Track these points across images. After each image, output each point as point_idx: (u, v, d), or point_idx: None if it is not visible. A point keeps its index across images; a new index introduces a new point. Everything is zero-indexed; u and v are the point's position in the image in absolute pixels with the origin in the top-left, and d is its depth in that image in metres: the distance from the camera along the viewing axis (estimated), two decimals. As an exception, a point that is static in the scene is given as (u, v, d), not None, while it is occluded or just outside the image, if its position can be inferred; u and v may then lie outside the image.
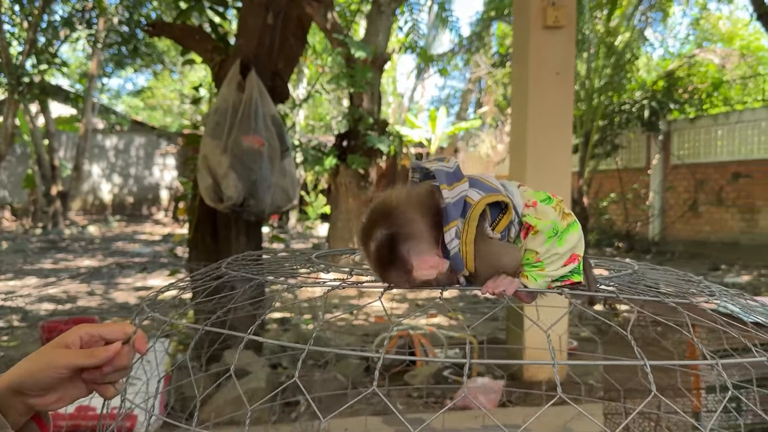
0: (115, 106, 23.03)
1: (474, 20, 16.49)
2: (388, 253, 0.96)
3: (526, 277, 1.00)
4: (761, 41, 16.81)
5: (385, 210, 0.97)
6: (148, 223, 19.12)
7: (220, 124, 3.51)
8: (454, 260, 0.96)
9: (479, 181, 1.02)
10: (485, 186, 1.01)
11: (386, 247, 0.96)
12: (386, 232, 0.95)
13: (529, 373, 3.77)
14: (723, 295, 1.13)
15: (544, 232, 1.00)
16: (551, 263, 1.00)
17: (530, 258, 1.01)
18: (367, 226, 0.98)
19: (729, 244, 11.75)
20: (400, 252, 0.95)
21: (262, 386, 3.06)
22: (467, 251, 0.96)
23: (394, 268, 0.96)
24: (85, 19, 12.57)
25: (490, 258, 0.97)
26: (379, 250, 0.96)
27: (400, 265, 0.96)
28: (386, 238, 0.95)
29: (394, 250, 0.95)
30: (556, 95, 3.83)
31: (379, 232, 0.96)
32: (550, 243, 1.00)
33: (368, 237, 0.97)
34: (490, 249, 0.98)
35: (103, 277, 7.64)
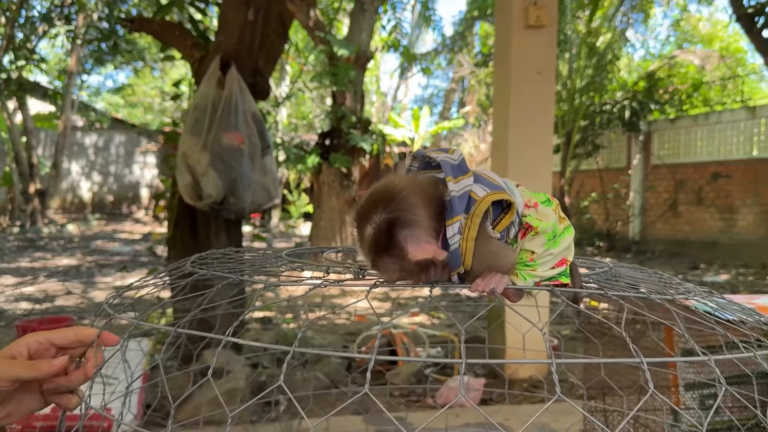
0: (95, 104, 22.75)
1: (457, 20, 16.54)
2: (386, 238, 0.93)
3: (516, 275, 1.00)
4: (740, 43, 17.03)
5: (388, 194, 0.94)
6: (128, 222, 18.94)
7: (200, 121, 3.47)
8: (452, 255, 0.95)
9: (483, 177, 1.01)
10: (489, 183, 1.00)
11: (384, 232, 0.93)
12: (387, 216, 0.93)
13: (510, 370, 3.77)
14: (697, 293, 1.13)
15: (544, 233, 0.99)
16: (544, 264, 1.00)
17: (524, 258, 1.00)
18: (366, 208, 0.95)
19: (708, 243, 11.89)
20: (398, 238, 0.93)
21: (242, 386, 3.03)
22: (467, 248, 0.94)
23: (388, 254, 0.94)
24: (64, 15, 12.40)
25: (487, 258, 0.96)
26: (377, 233, 0.94)
27: (396, 251, 0.93)
28: (386, 222, 0.93)
29: (392, 235, 0.93)
30: (537, 94, 3.84)
31: (379, 216, 0.93)
32: (548, 245, 0.99)
33: (365, 220, 0.95)
34: (489, 248, 0.96)
35: (81, 276, 7.55)
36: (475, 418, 2.93)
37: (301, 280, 1.11)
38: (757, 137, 11.46)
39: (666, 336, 2.02)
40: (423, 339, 4.20)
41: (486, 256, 0.95)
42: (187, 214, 3.82)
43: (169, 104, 20.90)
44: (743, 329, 1.14)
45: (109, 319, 1.04)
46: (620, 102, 13.08)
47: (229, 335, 0.85)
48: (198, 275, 1.11)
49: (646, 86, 13.61)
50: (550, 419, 2.81)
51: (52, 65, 19.76)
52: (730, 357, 0.97)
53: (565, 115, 12.34)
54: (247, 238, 9.91)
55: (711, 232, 11.99)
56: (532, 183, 1.08)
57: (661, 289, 1.15)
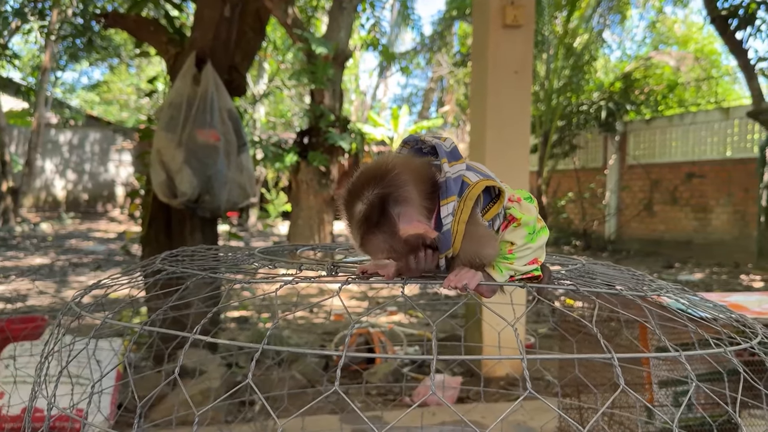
0: (70, 101, 22.42)
1: (436, 19, 16.56)
2: (377, 214, 0.93)
3: (493, 267, 1.00)
4: (715, 45, 17.28)
5: (380, 171, 0.94)
6: (103, 221, 18.69)
7: (175, 118, 3.43)
8: (443, 237, 0.95)
9: (474, 167, 1.02)
10: (480, 172, 1.01)
11: (376, 207, 0.92)
12: (379, 192, 0.92)
13: (486, 368, 3.78)
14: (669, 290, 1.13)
15: (526, 226, 1.00)
16: (521, 258, 1.00)
17: (503, 249, 1.00)
18: (358, 185, 0.95)
19: (682, 242, 12.05)
20: (390, 214, 0.92)
21: (216, 386, 3.00)
22: (458, 230, 0.94)
23: (379, 230, 0.93)
24: (37, 10, 12.17)
25: (476, 242, 0.96)
26: (368, 209, 0.93)
27: (387, 228, 0.93)
28: (378, 197, 0.92)
29: (384, 211, 0.92)
30: (514, 94, 3.85)
31: (371, 192, 0.93)
32: (528, 239, 1.00)
33: (357, 197, 0.94)
34: (478, 233, 0.97)
35: (54, 275, 7.43)
36: (452, 417, 2.93)
37: (273, 278, 1.09)
38: (730, 138, 11.64)
39: (640, 334, 2.03)
40: (401, 338, 4.19)
41: (474, 240, 0.96)
42: (161, 212, 3.77)
43: (144, 101, 20.69)
44: (716, 327, 1.14)
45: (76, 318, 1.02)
46: (597, 102, 13.21)
47: (197, 333, 0.83)
48: (168, 272, 1.09)
49: (622, 87, 13.76)
50: (526, 417, 2.82)
51: (26, 61, 19.42)
52: (701, 353, 0.97)
53: (542, 115, 12.42)
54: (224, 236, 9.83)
55: (685, 232, 12.15)
56: (509, 182, 1.09)
57: (633, 286, 1.16)
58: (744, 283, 8.30)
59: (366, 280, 1.00)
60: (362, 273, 1.02)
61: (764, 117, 7.22)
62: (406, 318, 5.49)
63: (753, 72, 7.33)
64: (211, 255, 1.31)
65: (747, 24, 7.10)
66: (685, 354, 0.86)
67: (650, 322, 1.03)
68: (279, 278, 1.00)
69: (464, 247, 0.96)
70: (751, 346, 1.00)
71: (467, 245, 0.96)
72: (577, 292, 0.99)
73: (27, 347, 2.69)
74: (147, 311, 3.85)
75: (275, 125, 18.69)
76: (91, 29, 11.39)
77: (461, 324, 4.95)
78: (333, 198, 8.65)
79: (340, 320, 5.45)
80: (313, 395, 3.25)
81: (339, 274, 1.06)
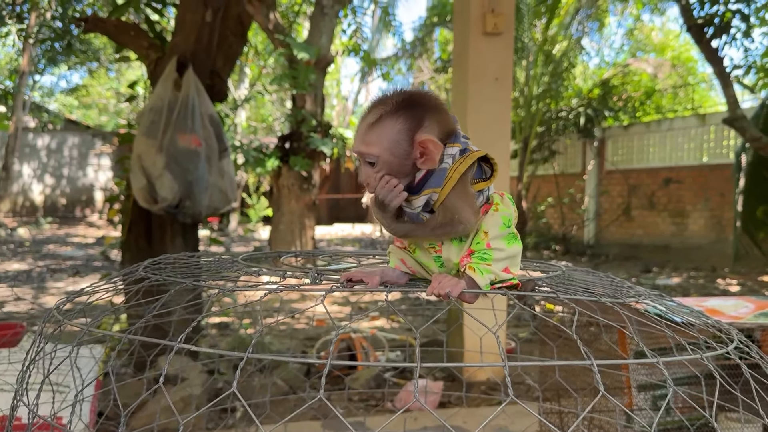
0: (48, 104, 22.16)
1: (417, 25, 16.62)
2: (408, 108, 0.99)
3: (473, 269, 1.01)
4: (691, 52, 17.55)
5: (424, 92, 1.04)
6: (82, 226, 18.48)
7: (156, 123, 3.41)
8: (438, 173, 1.00)
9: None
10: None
11: (409, 103, 0.99)
12: (419, 97, 1.01)
13: (468, 373, 3.80)
14: (647, 296, 1.16)
15: (502, 215, 1.02)
16: (496, 260, 1.01)
17: (480, 241, 1.01)
18: (397, 92, 1.02)
19: (660, 246, 12.20)
20: (419, 116, 0.99)
21: (197, 393, 2.98)
22: (453, 177, 0.99)
23: (399, 119, 0.98)
24: (15, 13, 12.03)
25: (461, 199, 1.01)
26: (404, 98, 1.00)
27: (408, 122, 0.98)
28: (417, 98, 1.00)
29: (414, 110, 0.99)
30: (494, 100, 3.89)
31: (412, 94, 1.01)
32: (503, 230, 1.02)
33: (391, 97, 1.01)
34: (465, 190, 1.02)
35: (32, 281, 7.33)
36: (434, 422, 2.94)
37: (257, 285, 1.10)
38: (707, 144, 11.82)
39: (619, 338, 2.06)
40: (383, 343, 4.20)
41: (460, 197, 1.01)
42: (141, 217, 3.75)
43: (124, 106, 20.50)
44: (692, 332, 1.17)
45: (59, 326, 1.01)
46: (575, 109, 13.34)
47: (182, 341, 0.83)
48: (151, 281, 1.09)
49: (600, 93, 13.92)
50: (507, 421, 2.84)
51: (3, 65, 19.19)
52: (678, 359, 0.99)
53: (522, 121, 12.52)
54: (204, 242, 9.76)
55: (663, 236, 12.30)
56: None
57: (612, 293, 1.18)
58: (721, 287, 8.42)
59: (350, 287, 1.01)
60: (347, 281, 1.03)
61: (739, 124, 7.34)
62: (388, 323, 5.50)
63: (728, 79, 7.44)
64: (194, 262, 1.31)
65: (722, 32, 7.22)
66: (664, 360, 0.88)
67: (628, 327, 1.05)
68: (263, 286, 1.00)
69: (449, 198, 0.99)
70: (726, 352, 1.02)
71: (452, 198, 1.00)
72: (558, 299, 1.01)
73: (5, 354, 2.65)
74: (127, 318, 3.81)
75: (257, 129, 18.63)
76: (70, 33, 11.28)
77: (443, 329, 4.97)
78: (314, 203, 8.64)
79: (322, 325, 5.44)
80: (295, 401, 3.24)
81: (323, 282, 1.06)
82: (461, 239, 1.05)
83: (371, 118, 1.00)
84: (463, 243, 1.05)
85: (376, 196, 1.00)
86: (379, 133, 0.99)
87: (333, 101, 20.90)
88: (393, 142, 0.98)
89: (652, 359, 0.88)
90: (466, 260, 1.03)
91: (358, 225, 19.65)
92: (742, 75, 8.10)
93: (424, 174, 1.01)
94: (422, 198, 1.00)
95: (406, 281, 1.09)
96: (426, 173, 1.01)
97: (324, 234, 16.55)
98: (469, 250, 1.03)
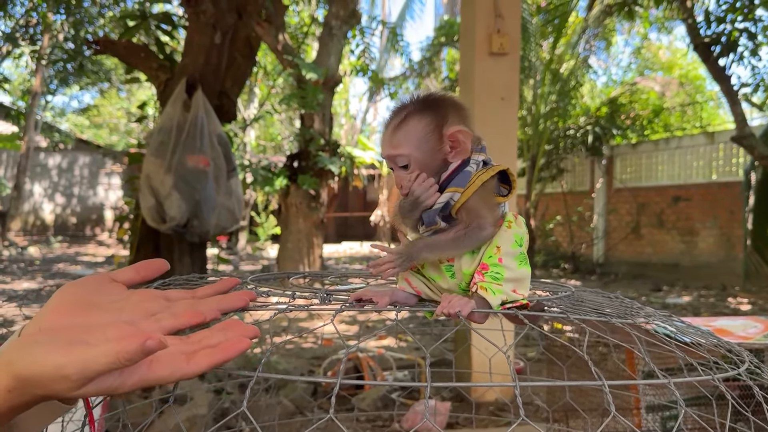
0: (59, 124, 22.39)
1: (425, 45, 16.73)
2: (434, 104, 1.00)
3: (485, 289, 1.00)
4: (698, 70, 17.57)
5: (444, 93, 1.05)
6: (92, 244, 18.57)
7: (165, 143, 3.44)
8: (462, 174, 0.99)
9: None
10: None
11: (437, 99, 1.01)
12: (446, 95, 1.02)
13: (477, 394, 3.77)
14: (657, 317, 1.15)
15: (514, 233, 1.02)
16: (507, 280, 1.00)
17: (493, 255, 1.01)
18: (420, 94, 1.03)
19: (670, 265, 12.12)
20: (446, 111, 0.99)
21: (203, 412, 2.97)
22: (475, 182, 0.99)
23: (426, 115, 0.99)
24: (28, 35, 12.23)
25: (482, 201, 1.00)
26: (429, 96, 1.01)
27: (435, 117, 0.98)
28: (444, 96, 1.02)
29: (441, 106, 1.00)
30: (501, 120, 3.90)
31: (439, 92, 1.02)
32: (515, 248, 1.01)
33: (410, 99, 1.02)
34: (488, 196, 1.01)
35: (42, 300, 7.35)
36: (442, 443, 2.91)
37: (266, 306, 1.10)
38: (715, 162, 11.79)
39: (627, 359, 2.05)
40: (390, 363, 4.18)
41: (482, 199, 0.99)
42: (150, 236, 3.77)
43: (134, 125, 20.69)
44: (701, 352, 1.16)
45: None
46: (583, 127, 13.35)
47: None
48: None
49: (608, 112, 13.93)
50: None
51: (16, 85, 19.44)
52: (690, 380, 0.99)
53: (530, 140, 12.54)
54: (212, 260, 9.78)
55: (672, 254, 12.23)
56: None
57: (622, 314, 1.17)
58: (731, 305, 8.34)
59: (360, 307, 1.00)
60: (356, 300, 1.03)
61: (748, 142, 7.33)
62: (396, 342, 5.48)
63: (736, 98, 7.45)
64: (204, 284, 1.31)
65: (729, 51, 7.24)
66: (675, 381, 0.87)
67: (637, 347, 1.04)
68: (273, 306, 1.01)
69: (471, 200, 0.99)
70: (738, 374, 1.01)
71: (474, 200, 0.99)
72: (567, 319, 1.00)
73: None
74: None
75: (265, 148, 18.74)
76: (81, 54, 11.44)
77: (450, 348, 4.94)
78: (322, 221, 8.66)
79: (329, 345, 5.43)
80: (301, 423, 3.23)
81: (333, 302, 1.06)
82: (474, 250, 1.04)
83: (396, 121, 1.01)
84: (475, 254, 1.04)
85: (408, 198, 1.01)
86: (405, 133, 0.99)
87: (341, 120, 21.01)
88: (421, 140, 0.99)
89: (664, 380, 0.88)
90: (478, 278, 1.02)
91: (366, 243, 19.66)
92: (750, 93, 8.10)
93: (449, 173, 1.02)
94: (445, 196, 1.00)
95: (415, 302, 1.09)
96: (451, 173, 1.01)
97: (332, 252, 16.57)
98: (482, 264, 1.03)
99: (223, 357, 0.62)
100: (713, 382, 0.95)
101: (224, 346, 0.63)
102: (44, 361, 0.55)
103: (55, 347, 0.56)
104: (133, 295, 0.74)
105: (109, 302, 0.71)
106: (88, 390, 0.56)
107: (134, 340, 0.55)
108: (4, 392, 0.56)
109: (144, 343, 0.54)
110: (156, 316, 0.70)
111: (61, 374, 0.54)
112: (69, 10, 10.44)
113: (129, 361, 0.55)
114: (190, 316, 0.71)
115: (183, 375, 0.60)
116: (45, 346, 0.56)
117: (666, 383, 0.88)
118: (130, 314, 0.69)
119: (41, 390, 0.56)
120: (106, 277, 0.76)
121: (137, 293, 0.75)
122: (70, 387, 0.55)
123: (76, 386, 0.55)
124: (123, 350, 0.54)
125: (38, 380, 0.55)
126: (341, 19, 8.44)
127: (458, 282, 1.06)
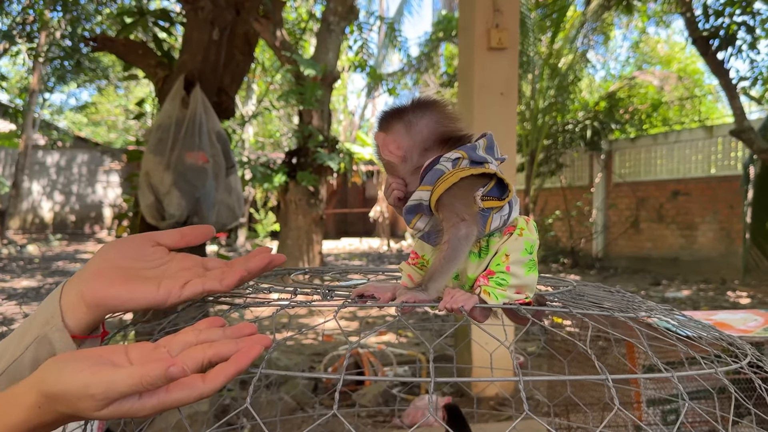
0: (58, 122, 22.36)
1: (423, 41, 16.71)
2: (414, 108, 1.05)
3: (488, 294, 1.00)
4: (697, 64, 17.55)
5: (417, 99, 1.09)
6: (91, 242, 18.56)
7: (163, 140, 3.44)
8: (433, 171, 1.00)
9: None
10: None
11: (432, 101, 1.06)
12: (401, 107, 1.06)
13: (478, 389, 3.78)
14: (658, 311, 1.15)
15: (525, 240, 1.01)
16: (511, 287, 1.00)
17: (501, 263, 1.00)
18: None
19: (669, 259, 12.14)
20: (386, 122, 1.05)
21: (204, 409, 2.98)
22: (450, 179, 0.98)
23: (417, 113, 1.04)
24: (26, 33, 12.19)
25: (456, 197, 0.99)
26: (427, 99, 1.08)
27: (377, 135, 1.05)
28: (398, 110, 1.06)
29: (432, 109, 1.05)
30: (500, 114, 3.90)
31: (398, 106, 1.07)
32: (524, 256, 1.01)
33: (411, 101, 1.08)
34: (462, 193, 0.99)
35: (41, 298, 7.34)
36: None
37: (267, 302, 1.10)
38: (714, 156, 11.79)
39: (628, 353, 2.05)
40: (390, 358, 4.18)
41: (455, 196, 0.99)
42: (150, 234, 3.76)
43: (133, 123, 20.67)
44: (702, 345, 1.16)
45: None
46: (582, 122, 13.35)
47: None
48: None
49: (606, 106, 13.92)
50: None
51: (14, 83, 19.39)
52: (693, 373, 0.99)
53: (528, 135, 12.53)
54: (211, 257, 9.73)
55: (672, 249, 12.24)
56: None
57: (623, 308, 1.17)
58: (731, 299, 8.35)
59: (362, 303, 1.00)
60: (358, 296, 1.03)
61: (747, 135, 7.33)
62: (396, 338, 5.48)
63: (735, 91, 7.44)
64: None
65: (728, 45, 7.23)
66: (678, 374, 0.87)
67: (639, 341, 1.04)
68: (275, 302, 1.01)
69: (445, 196, 0.98)
70: (740, 367, 1.01)
71: (448, 196, 0.98)
72: (570, 313, 1.00)
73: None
74: (135, 336, 3.82)
75: (264, 145, 18.72)
76: (79, 51, 11.42)
77: (450, 344, 4.95)
78: (322, 218, 8.66)
79: (330, 341, 5.43)
80: (302, 419, 3.23)
81: (334, 298, 1.06)
82: (479, 254, 1.04)
83: (385, 119, 1.08)
84: (481, 259, 1.04)
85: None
86: (392, 138, 1.05)
87: (340, 116, 20.99)
88: (378, 152, 1.06)
89: (667, 374, 0.88)
90: (482, 281, 1.02)
91: (366, 239, 19.65)
92: (748, 87, 8.09)
93: (421, 173, 1.03)
94: (416, 195, 1.02)
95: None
96: (422, 172, 1.03)
97: (331, 248, 16.57)
98: (488, 271, 1.02)
99: (236, 370, 0.65)
100: (715, 375, 0.95)
101: (237, 357, 0.65)
102: (72, 379, 0.58)
103: (84, 366, 0.59)
104: (173, 261, 0.78)
105: (150, 268, 0.75)
106: (109, 411, 0.58)
107: (158, 366, 0.58)
108: (34, 408, 0.59)
109: (167, 369, 0.58)
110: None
111: (86, 393, 0.57)
112: (66, 7, 10.41)
113: (151, 385, 0.58)
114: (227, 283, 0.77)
115: (200, 395, 0.63)
116: (74, 365, 0.59)
117: (669, 377, 0.88)
118: (167, 286, 0.73)
119: (66, 408, 0.58)
120: (149, 238, 0.79)
121: (177, 258, 0.78)
122: (95, 406, 0.57)
123: (99, 406, 0.57)
124: (147, 374, 0.57)
125: (64, 397, 0.57)
126: (339, 15, 8.42)
127: (462, 285, 1.06)
